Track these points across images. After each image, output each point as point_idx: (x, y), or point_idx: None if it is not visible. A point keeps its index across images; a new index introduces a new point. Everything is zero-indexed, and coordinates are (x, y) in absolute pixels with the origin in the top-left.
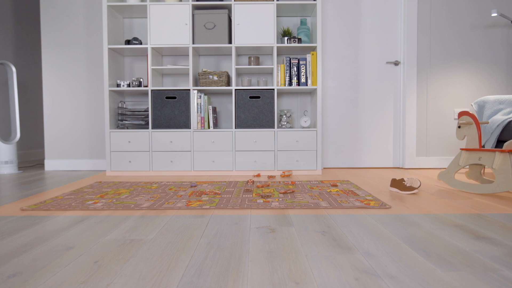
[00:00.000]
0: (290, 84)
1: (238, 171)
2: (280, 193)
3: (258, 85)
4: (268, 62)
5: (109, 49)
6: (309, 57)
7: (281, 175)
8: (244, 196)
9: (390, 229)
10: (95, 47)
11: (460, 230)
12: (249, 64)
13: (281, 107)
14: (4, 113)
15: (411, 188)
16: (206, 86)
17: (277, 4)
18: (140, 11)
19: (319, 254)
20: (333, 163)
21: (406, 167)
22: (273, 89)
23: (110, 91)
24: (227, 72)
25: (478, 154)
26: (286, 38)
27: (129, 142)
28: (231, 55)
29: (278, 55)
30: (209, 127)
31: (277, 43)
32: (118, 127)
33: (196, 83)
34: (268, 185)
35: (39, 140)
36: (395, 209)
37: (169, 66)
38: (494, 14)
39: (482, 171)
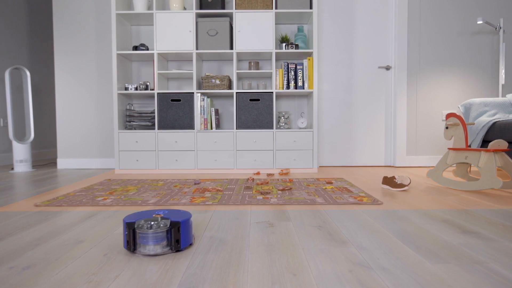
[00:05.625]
0: (288, 87)
1: (239, 169)
2: (279, 190)
3: (258, 89)
4: (267, 67)
5: (118, 54)
6: (305, 62)
7: (279, 173)
8: (244, 193)
9: (382, 223)
10: (105, 52)
11: (448, 225)
12: (249, 68)
13: (279, 109)
14: (19, 115)
15: (401, 185)
16: (209, 89)
17: (275, 12)
18: (147, 19)
19: (315, 248)
20: (328, 161)
21: (396, 166)
22: (272, 92)
23: (119, 94)
24: (229, 76)
25: (464, 153)
26: (284, 44)
27: (136, 142)
28: (233, 60)
29: (276, 60)
30: (211, 128)
31: (276, 49)
32: (126, 128)
33: (199, 86)
34: (267, 183)
35: (52, 140)
36: (386, 205)
37: (174, 71)
38: (480, 22)
39: (468, 169)
